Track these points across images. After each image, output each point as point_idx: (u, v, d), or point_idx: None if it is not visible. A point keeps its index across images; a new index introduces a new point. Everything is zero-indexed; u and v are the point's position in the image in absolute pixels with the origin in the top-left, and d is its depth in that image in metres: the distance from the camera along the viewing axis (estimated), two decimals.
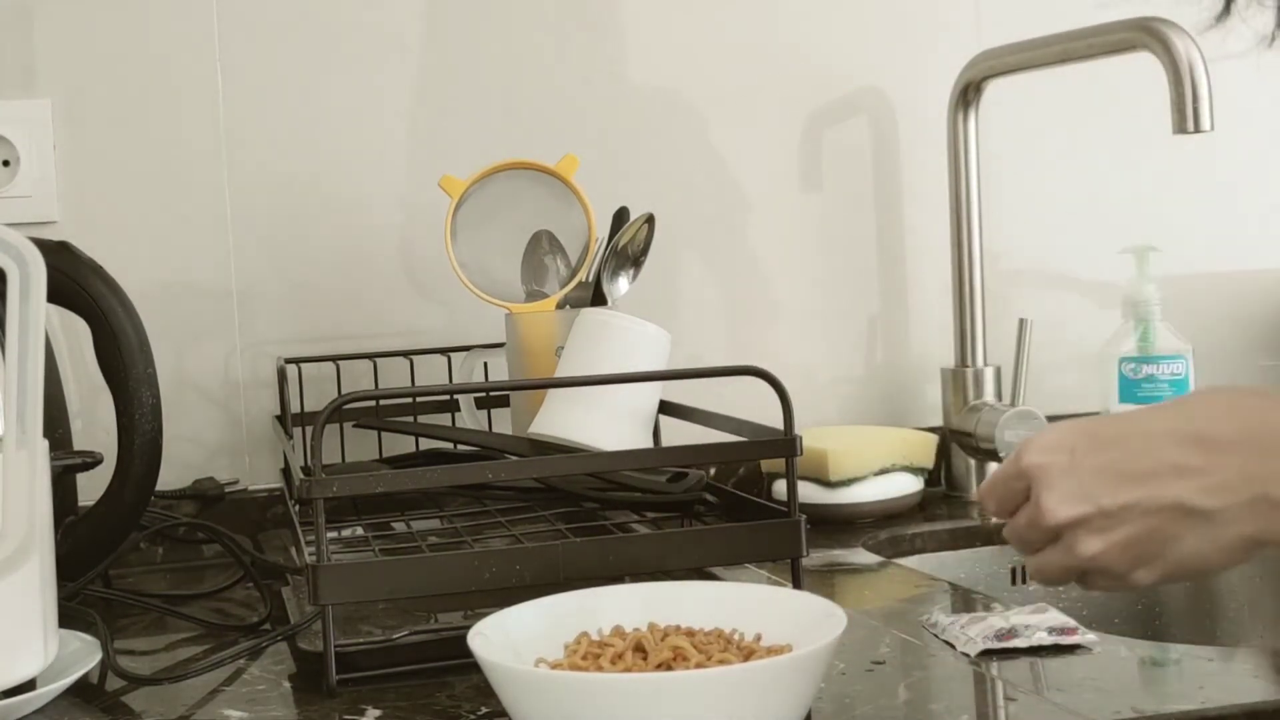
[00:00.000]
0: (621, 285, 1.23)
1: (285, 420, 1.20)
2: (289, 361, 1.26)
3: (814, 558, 1.17)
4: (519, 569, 0.88)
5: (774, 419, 0.96)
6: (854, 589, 1.13)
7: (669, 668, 0.74)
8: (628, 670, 0.74)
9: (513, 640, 0.77)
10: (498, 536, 1.06)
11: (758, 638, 0.78)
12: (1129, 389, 1.43)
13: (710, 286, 1.47)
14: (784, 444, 0.95)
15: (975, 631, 0.88)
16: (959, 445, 1.42)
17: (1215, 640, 1.33)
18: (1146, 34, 1.16)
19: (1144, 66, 1.19)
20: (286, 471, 1.23)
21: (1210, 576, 1.21)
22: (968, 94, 1.41)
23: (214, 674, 0.92)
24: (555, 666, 0.76)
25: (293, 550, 1.15)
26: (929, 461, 1.38)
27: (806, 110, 1.49)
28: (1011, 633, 0.87)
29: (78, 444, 1.18)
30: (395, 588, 0.87)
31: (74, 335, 1.26)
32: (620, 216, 1.26)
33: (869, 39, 1.51)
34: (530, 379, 1.21)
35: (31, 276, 0.78)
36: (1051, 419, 1.34)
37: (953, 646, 0.89)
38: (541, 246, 1.24)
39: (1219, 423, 0.69)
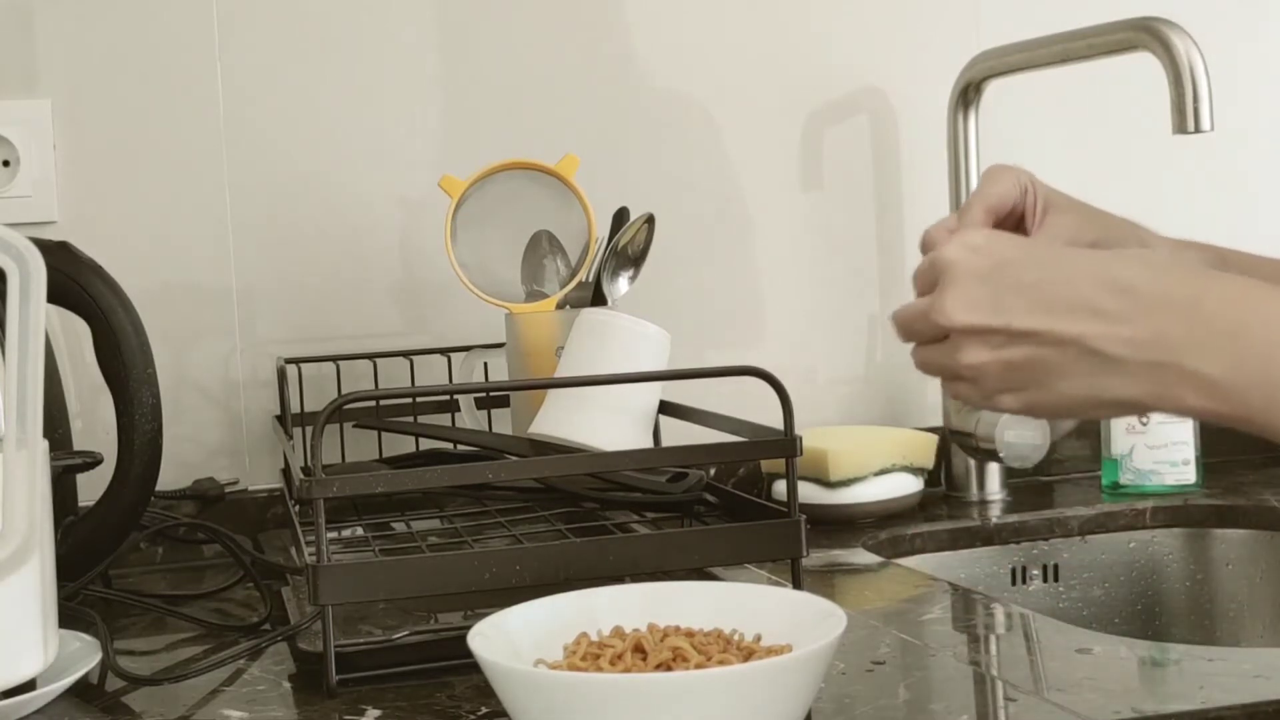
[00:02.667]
0: (621, 285, 1.23)
1: (285, 420, 1.20)
2: (289, 361, 1.26)
3: (814, 558, 1.17)
4: (519, 569, 0.88)
5: (774, 419, 0.96)
6: (854, 589, 1.13)
7: (669, 668, 0.74)
8: (627, 671, 0.74)
9: (513, 640, 0.77)
10: (498, 536, 1.06)
11: (758, 638, 0.78)
12: None
13: (710, 286, 1.47)
14: (784, 444, 0.95)
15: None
16: (959, 445, 1.42)
17: (1215, 640, 1.34)
18: (1146, 34, 1.16)
19: (1144, 66, 1.19)
20: (286, 471, 1.23)
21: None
22: (968, 94, 1.41)
23: (214, 674, 0.92)
24: (555, 667, 0.76)
25: (293, 550, 1.15)
26: (929, 462, 1.38)
27: (806, 110, 1.49)
28: None
29: (78, 444, 1.18)
30: (395, 588, 0.87)
31: (74, 335, 1.26)
32: (620, 216, 1.26)
33: (869, 39, 1.51)
34: (530, 379, 1.21)
35: (31, 276, 0.78)
36: None
37: None
38: (541, 246, 1.24)
39: (1152, 278, 0.68)
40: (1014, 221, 0.84)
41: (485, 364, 1.30)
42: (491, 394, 1.31)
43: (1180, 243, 0.88)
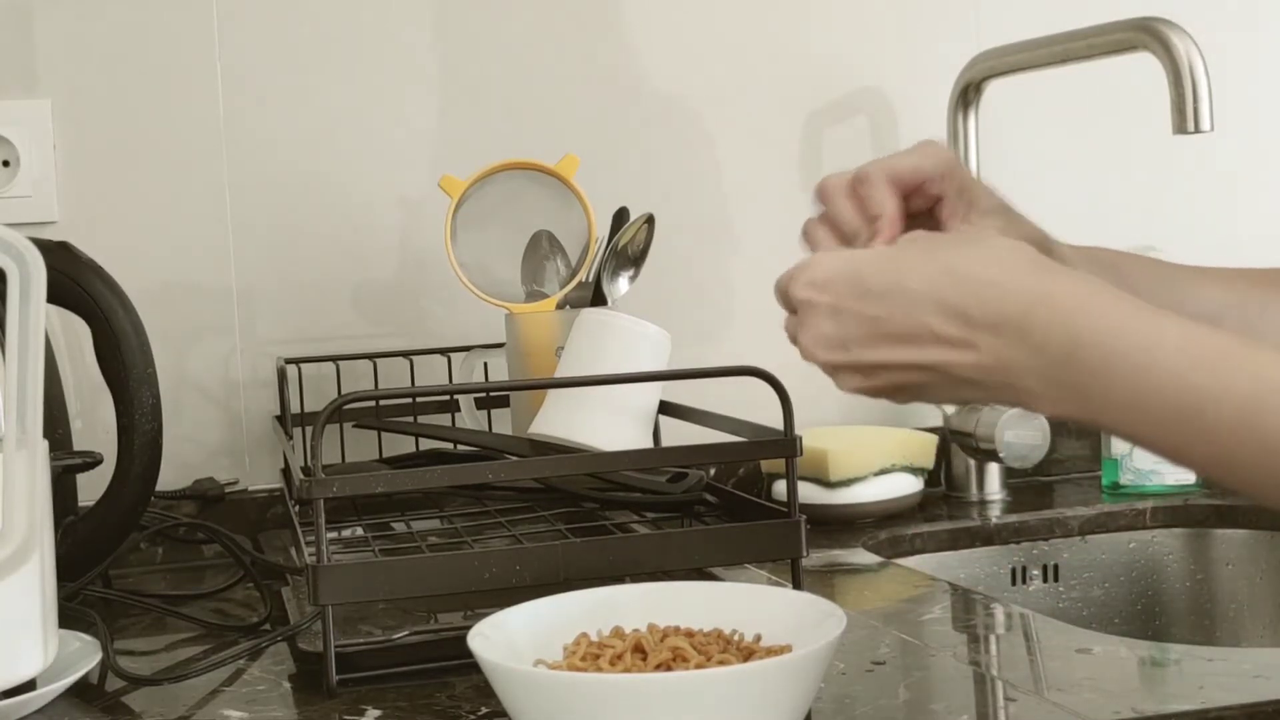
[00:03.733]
0: (621, 285, 1.23)
1: (285, 420, 1.20)
2: (289, 361, 1.26)
3: (814, 558, 1.17)
4: (519, 569, 0.88)
5: (774, 419, 0.96)
6: (854, 589, 1.13)
7: (668, 668, 0.74)
8: (627, 671, 0.74)
9: (513, 640, 0.77)
10: (498, 537, 1.06)
11: (758, 638, 0.78)
12: None
13: (710, 286, 1.47)
14: (784, 444, 0.95)
15: None
16: (959, 445, 1.41)
17: (1215, 640, 1.34)
18: (1146, 34, 1.16)
19: (1144, 66, 1.19)
20: (286, 471, 1.23)
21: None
22: (968, 94, 1.41)
23: (214, 674, 0.92)
24: (555, 667, 0.76)
25: (293, 550, 1.15)
26: (929, 462, 1.38)
27: (806, 110, 1.49)
28: None
29: (78, 444, 1.18)
30: (395, 588, 0.87)
31: (74, 335, 1.26)
32: (620, 216, 1.26)
33: (869, 39, 1.51)
34: (530, 379, 1.21)
35: (31, 276, 0.78)
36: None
37: None
38: (541, 246, 1.24)
39: (979, 296, 0.68)
40: (928, 200, 0.82)
41: (485, 364, 1.30)
42: (491, 394, 1.31)
43: (1082, 250, 0.86)
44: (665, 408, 1.16)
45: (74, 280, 1.05)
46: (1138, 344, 0.65)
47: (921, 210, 0.82)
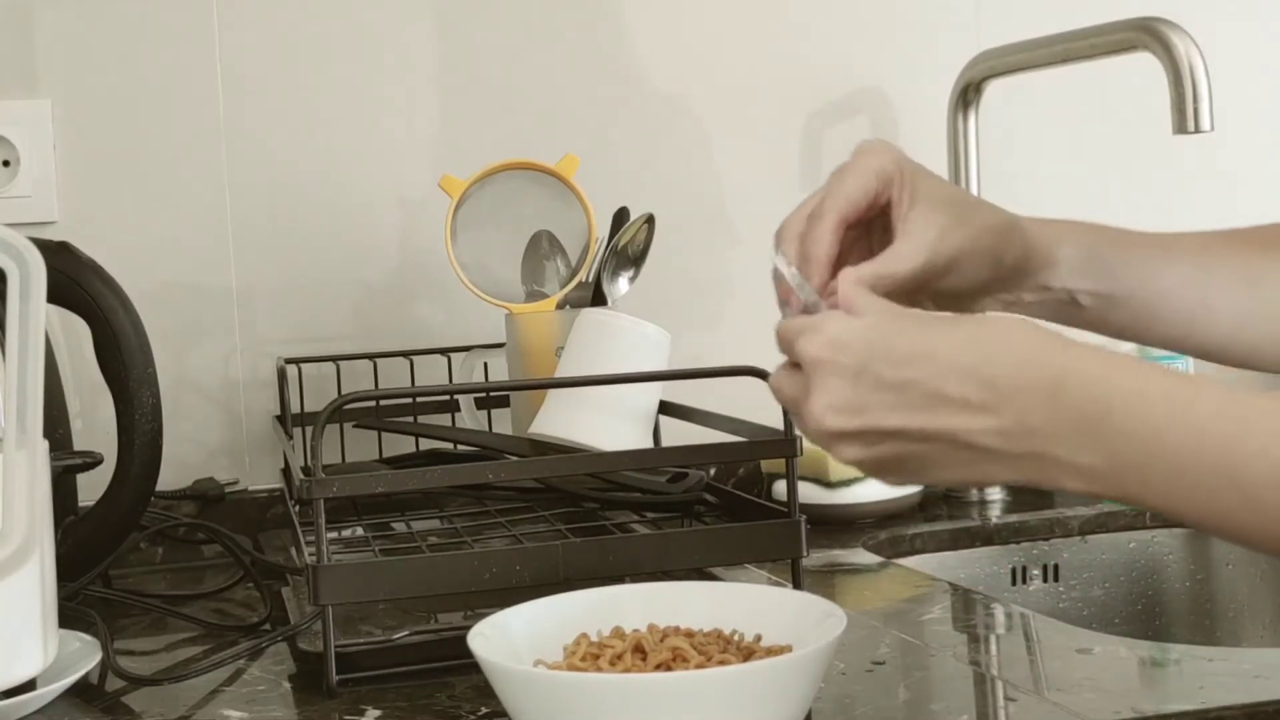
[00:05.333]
0: (621, 285, 1.23)
1: (285, 420, 1.20)
2: (289, 361, 1.26)
3: (814, 558, 1.17)
4: (519, 569, 0.88)
5: (774, 419, 0.96)
6: (854, 589, 1.13)
7: (668, 668, 0.74)
8: (627, 671, 0.74)
9: (513, 640, 0.77)
10: (498, 537, 1.06)
11: (757, 638, 0.78)
12: None
13: (710, 286, 1.47)
14: (784, 444, 0.95)
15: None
16: None
17: (1215, 640, 1.34)
18: (1146, 34, 1.16)
19: (1144, 66, 1.19)
20: (286, 471, 1.23)
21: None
22: (968, 94, 1.41)
23: (214, 674, 0.92)
24: (554, 667, 0.76)
25: (293, 550, 1.15)
26: None
27: (806, 110, 1.49)
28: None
29: (78, 444, 1.18)
30: (395, 588, 0.87)
31: (74, 335, 1.26)
32: (620, 216, 1.26)
33: (869, 39, 1.51)
34: (530, 379, 1.21)
35: (31, 276, 0.78)
36: None
37: None
38: (541, 246, 1.24)
39: (1007, 363, 0.66)
40: (878, 209, 0.80)
41: (485, 364, 1.30)
42: (491, 394, 1.31)
43: (1059, 224, 0.84)
44: (665, 408, 1.16)
45: (74, 280, 1.05)
46: (1175, 406, 0.63)
47: (874, 217, 0.80)
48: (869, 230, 0.81)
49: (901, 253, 0.77)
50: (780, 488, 1.33)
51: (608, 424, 1.11)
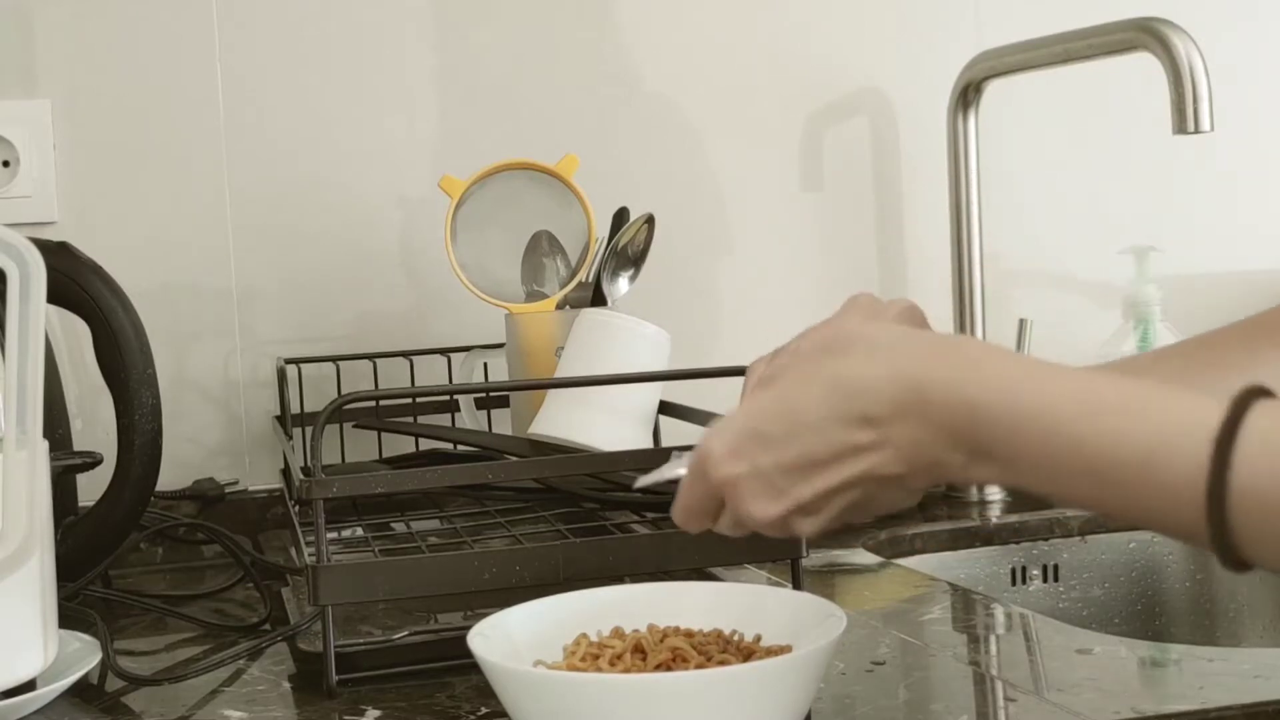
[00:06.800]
0: (621, 285, 1.23)
1: (285, 420, 1.20)
2: (289, 361, 1.26)
3: (814, 558, 1.17)
4: (519, 569, 0.88)
5: None
6: (854, 589, 1.13)
7: (668, 669, 0.74)
8: (627, 671, 0.74)
9: (513, 640, 0.77)
10: (498, 537, 1.06)
11: (757, 638, 0.78)
12: None
13: (710, 286, 1.47)
14: None
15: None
16: None
17: (1215, 640, 1.34)
18: (1146, 34, 1.16)
19: (1144, 66, 1.19)
20: (286, 472, 1.23)
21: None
22: (968, 94, 1.41)
23: (214, 674, 0.92)
24: (554, 667, 0.76)
25: (293, 550, 1.15)
26: None
27: (806, 110, 1.49)
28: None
29: (78, 444, 1.18)
30: (395, 588, 0.87)
31: (74, 335, 1.26)
32: (620, 216, 1.26)
33: (869, 39, 1.51)
34: (530, 379, 1.21)
35: (31, 276, 0.78)
36: None
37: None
38: (541, 246, 1.24)
39: (878, 399, 0.67)
40: None
41: (485, 364, 1.30)
42: (491, 394, 1.31)
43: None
44: (665, 408, 1.16)
45: (74, 280, 1.05)
46: (1032, 399, 0.64)
47: None
48: None
49: None
50: None
51: (608, 424, 1.11)
